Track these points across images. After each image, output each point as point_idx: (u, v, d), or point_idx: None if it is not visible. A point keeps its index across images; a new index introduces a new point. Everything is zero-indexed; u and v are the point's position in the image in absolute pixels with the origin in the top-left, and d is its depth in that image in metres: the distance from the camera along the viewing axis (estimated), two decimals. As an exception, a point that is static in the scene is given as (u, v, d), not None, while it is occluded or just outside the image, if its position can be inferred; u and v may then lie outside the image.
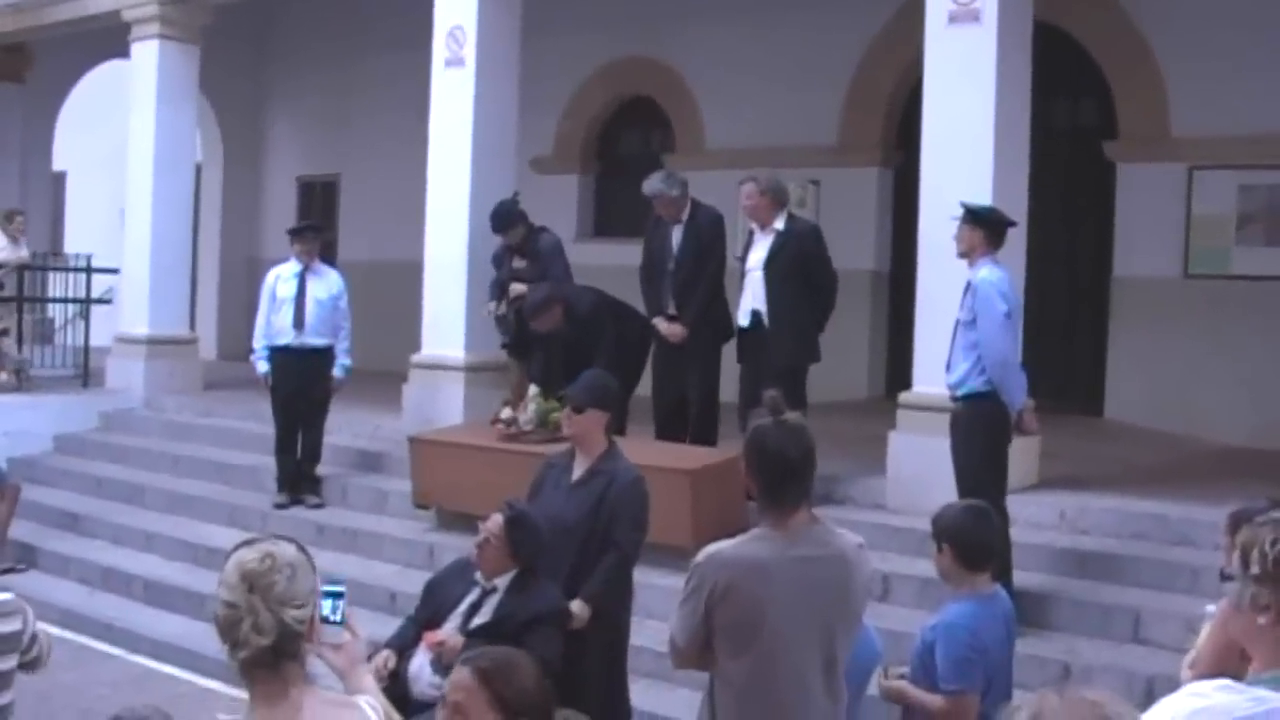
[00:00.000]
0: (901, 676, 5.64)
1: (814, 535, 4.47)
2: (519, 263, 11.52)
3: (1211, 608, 4.21)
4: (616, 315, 10.83)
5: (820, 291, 10.05)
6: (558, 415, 9.20)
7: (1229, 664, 3.66)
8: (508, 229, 11.43)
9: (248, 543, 3.39)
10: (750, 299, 10.06)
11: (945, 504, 6.01)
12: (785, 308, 9.88)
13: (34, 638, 3.95)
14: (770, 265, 9.89)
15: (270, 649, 3.26)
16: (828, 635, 4.45)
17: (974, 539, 5.59)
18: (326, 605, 3.46)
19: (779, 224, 9.98)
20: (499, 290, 11.58)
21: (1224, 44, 11.94)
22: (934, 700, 5.44)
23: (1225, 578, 4.28)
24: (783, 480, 4.44)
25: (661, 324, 10.46)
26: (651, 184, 10.62)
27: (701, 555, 4.48)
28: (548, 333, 10.83)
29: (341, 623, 3.53)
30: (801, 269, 9.91)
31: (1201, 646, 4.34)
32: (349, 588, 3.64)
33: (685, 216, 10.53)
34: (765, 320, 9.95)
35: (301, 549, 3.41)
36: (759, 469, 4.47)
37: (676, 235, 10.52)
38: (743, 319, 10.14)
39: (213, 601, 3.38)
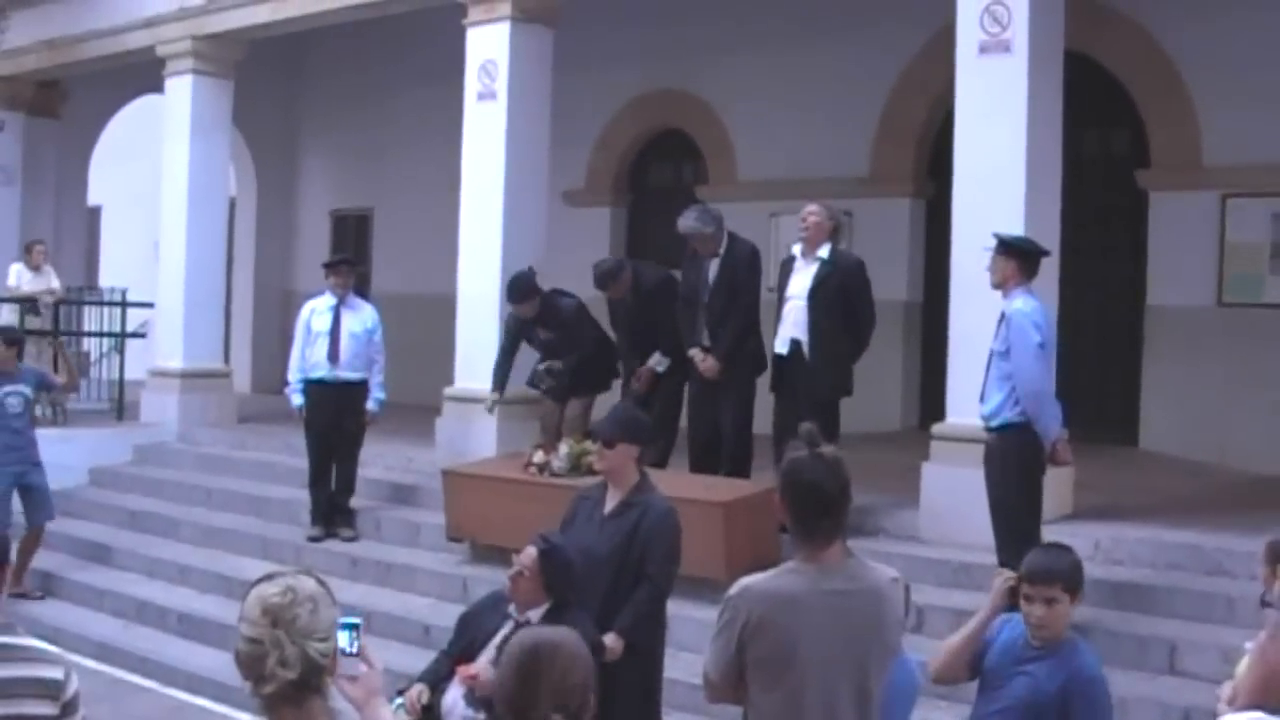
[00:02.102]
0: None
1: (848, 569, 4.44)
2: (545, 334, 11.46)
3: (1250, 644, 4.17)
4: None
5: (859, 325, 10.02)
6: (590, 458, 9.20)
7: (1270, 696, 3.63)
8: (525, 299, 11.26)
9: (267, 578, 3.40)
10: (790, 328, 9.97)
11: (1039, 551, 5.62)
12: (826, 338, 9.82)
13: (77, 697, 3.89)
14: (815, 295, 9.81)
15: (295, 683, 3.27)
16: (861, 669, 4.42)
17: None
18: (342, 637, 3.46)
19: (823, 253, 9.94)
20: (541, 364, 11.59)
21: (1256, 72, 11.90)
22: None
23: (1265, 604, 4.25)
24: (817, 513, 4.39)
25: (696, 356, 10.44)
26: (686, 221, 10.58)
27: (734, 589, 4.45)
28: (616, 303, 11.18)
29: (357, 654, 3.54)
30: (844, 301, 9.86)
31: (1240, 678, 4.30)
32: (383, 621, 3.65)
33: (722, 250, 10.50)
34: (805, 350, 9.88)
35: (320, 582, 3.43)
36: (793, 501, 4.42)
37: (713, 268, 10.49)
38: (780, 347, 10.04)
39: (243, 636, 3.38)
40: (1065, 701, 5.08)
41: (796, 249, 10.13)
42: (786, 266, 10.18)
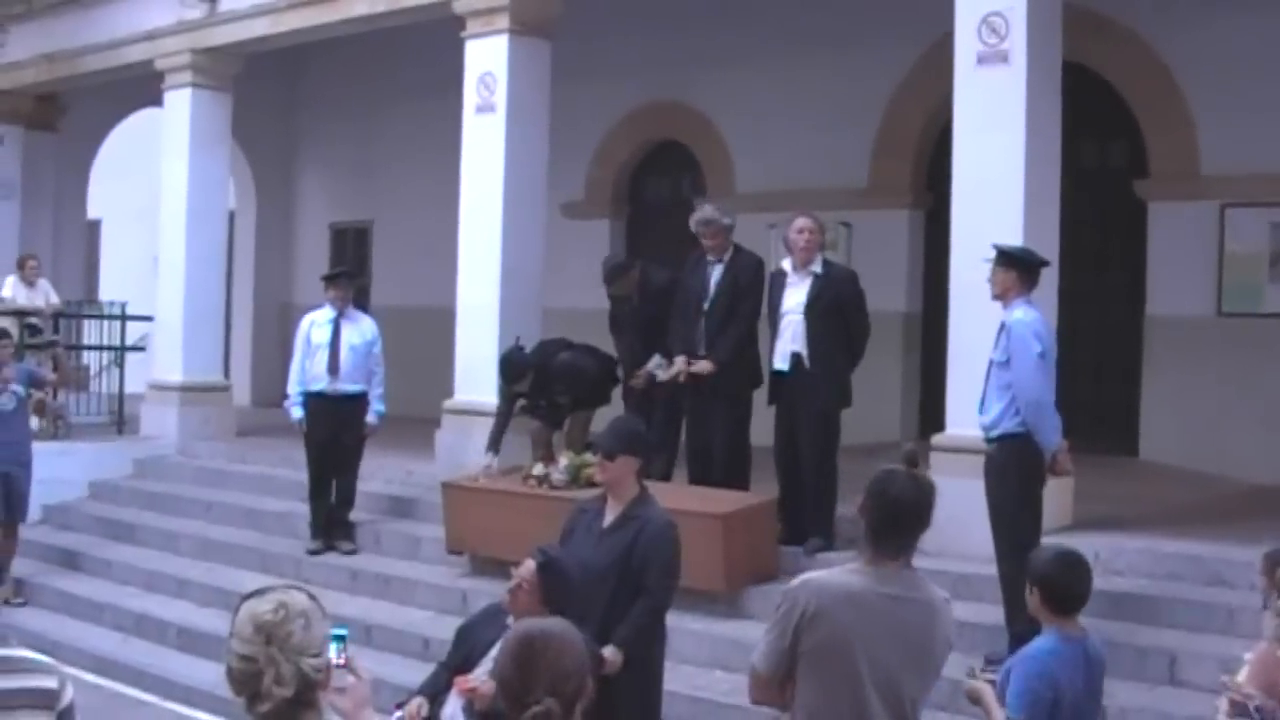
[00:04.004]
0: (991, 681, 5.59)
1: (906, 578, 4.58)
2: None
3: (1249, 655, 4.19)
4: None
5: (854, 337, 9.99)
6: (590, 470, 9.20)
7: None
8: (521, 378, 11.14)
9: (256, 593, 3.37)
10: (789, 342, 9.86)
11: (1041, 547, 5.97)
12: (825, 351, 9.75)
13: (72, 707, 3.85)
14: (812, 309, 9.75)
15: (291, 700, 3.24)
16: (905, 676, 4.52)
17: (1061, 586, 5.50)
18: (330, 649, 3.45)
19: (816, 267, 9.90)
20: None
21: (1253, 81, 11.91)
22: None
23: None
24: (891, 528, 4.54)
25: (680, 361, 10.31)
26: (705, 211, 10.55)
27: (795, 581, 4.62)
28: (622, 299, 11.23)
29: (344, 665, 3.51)
30: (840, 313, 9.83)
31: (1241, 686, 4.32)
32: (383, 634, 3.63)
33: (727, 257, 10.46)
34: (806, 363, 9.81)
35: (311, 596, 3.39)
36: (873, 509, 4.57)
37: (716, 275, 10.41)
38: (780, 363, 9.92)
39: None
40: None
41: (786, 264, 10.07)
42: (777, 281, 10.09)
